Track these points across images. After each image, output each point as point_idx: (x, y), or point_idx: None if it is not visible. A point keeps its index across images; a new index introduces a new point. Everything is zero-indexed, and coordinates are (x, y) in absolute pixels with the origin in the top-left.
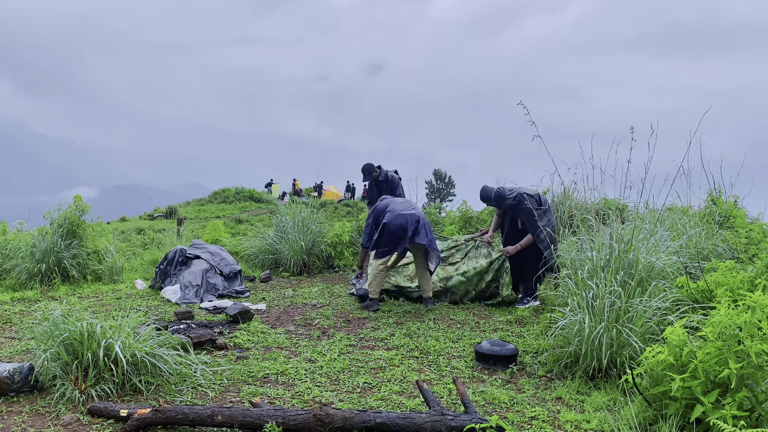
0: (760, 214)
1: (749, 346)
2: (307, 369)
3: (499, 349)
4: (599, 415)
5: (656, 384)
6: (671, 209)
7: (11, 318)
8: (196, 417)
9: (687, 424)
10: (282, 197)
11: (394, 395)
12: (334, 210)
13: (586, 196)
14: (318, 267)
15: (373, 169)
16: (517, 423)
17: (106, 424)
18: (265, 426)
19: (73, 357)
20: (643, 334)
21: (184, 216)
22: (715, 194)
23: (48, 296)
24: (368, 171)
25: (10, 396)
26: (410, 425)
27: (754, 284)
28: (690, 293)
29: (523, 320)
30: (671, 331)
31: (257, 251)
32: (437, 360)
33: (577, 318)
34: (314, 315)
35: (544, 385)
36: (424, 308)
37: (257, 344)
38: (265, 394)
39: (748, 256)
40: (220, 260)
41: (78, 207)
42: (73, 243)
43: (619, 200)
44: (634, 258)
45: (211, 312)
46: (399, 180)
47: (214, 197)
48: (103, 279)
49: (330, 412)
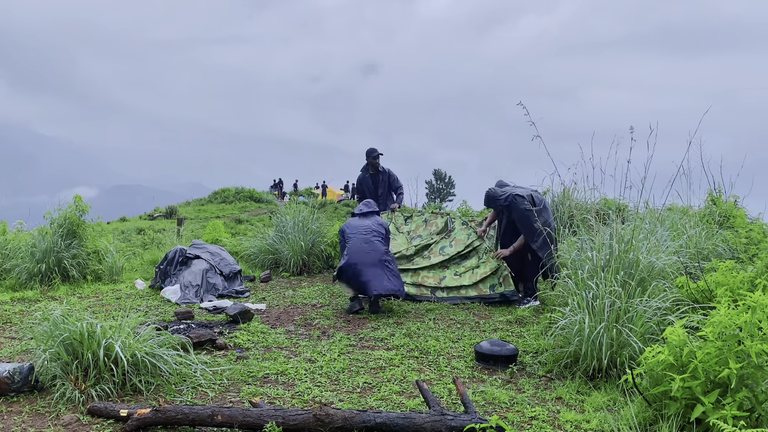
0: (760, 214)
1: (749, 346)
2: (307, 369)
3: (499, 349)
4: (599, 415)
5: (656, 384)
6: (671, 209)
7: (11, 318)
8: (196, 417)
9: (687, 424)
10: (282, 198)
11: (394, 395)
12: (334, 210)
13: (586, 196)
14: (318, 267)
15: (377, 154)
16: (517, 423)
17: (106, 424)
18: (265, 426)
19: (73, 357)
20: (643, 334)
21: (184, 216)
22: (715, 194)
23: (48, 296)
24: (370, 153)
25: (10, 396)
26: (410, 425)
27: (754, 284)
28: (690, 293)
29: (523, 320)
30: (671, 331)
31: (257, 251)
32: (437, 360)
33: (577, 318)
34: (314, 315)
35: (544, 385)
36: (424, 308)
37: (257, 344)
38: (265, 394)
39: (748, 256)
40: (220, 260)
41: (78, 207)
42: (73, 243)
43: (619, 200)
44: (634, 258)
45: (211, 312)
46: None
47: (214, 197)
48: (103, 279)
49: (330, 412)
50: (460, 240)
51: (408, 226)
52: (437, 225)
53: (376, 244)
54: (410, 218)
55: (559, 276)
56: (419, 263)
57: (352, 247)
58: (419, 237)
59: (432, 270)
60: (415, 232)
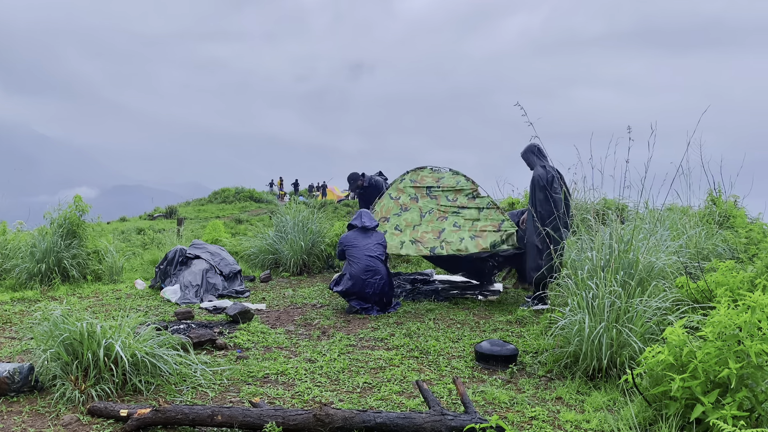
0: (760, 214)
1: (749, 346)
2: (307, 369)
3: (499, 349)
4: (599, 415)
5: (656, 384)
6: (671, 209)
7: (11, 318)
8: (196, 417)
9: (687, 424)
10: (282, 198)
11: (394, 395)
12: (334, 210)
13: (586, 196)
14: (318, 267)
15: (358, 178)
16: (517, 423)
17: (106, 424)
18: (265, 426)
19: (73, 357)
20: (643, 334)
21: (184, 216)
22: (715, 194)
23: (48, 296)
24: (353, 180)
25: (10, 396)
26: (410, 425)
27: (754, 284)
28: (690, 293)
29: (523, 320)
30: (671, 331)
31: (257, 251)
32: (437, 360)
33: (577, 318)
34: (314, 315)
35: (544, 385)
36: (424, 308)
37: (257, 344)
38: (265, 394)
39: (748, 256)
40: (220, 260)
41: (78, 207)
42: (73, 243)
43: (618, 200)
44: (634, 258)
45: (211, 312)
46: (385, 181)
47: (214, 197)
48: (103, 279)
49: (330, 412)
50: (448, 184)
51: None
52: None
53: (379, 269)
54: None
55: (559, 276)
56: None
57: (355, 272)
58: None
59: (431, 224)
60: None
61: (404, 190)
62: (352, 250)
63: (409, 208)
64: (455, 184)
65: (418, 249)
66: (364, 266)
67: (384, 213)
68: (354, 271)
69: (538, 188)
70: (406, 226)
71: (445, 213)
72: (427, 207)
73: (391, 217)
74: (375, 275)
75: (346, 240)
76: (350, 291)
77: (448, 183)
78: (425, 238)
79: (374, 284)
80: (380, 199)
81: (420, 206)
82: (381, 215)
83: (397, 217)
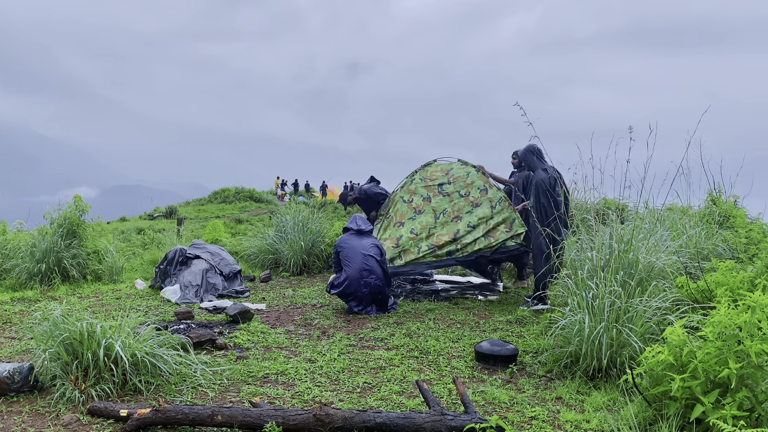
0: (760, 214)
1: (749, 346)
2: (307, 369)
3: (499, 349)
4: (599, 415)
5: (656, 384)
6: (671, 209)
7: (11, 318)
8: (196, 417)
9: (687, 424)
10: (281, 198)
11: (394, 395)
12: (334, 210)
13: (586, 196)
14: (318, 267)
15: (347, 195)
16: (517, 423)
17: (106, 424)
18: (265, 426)
19: (73, 357)
20: (643, 334)
21: (184, 216)
22: (715, 194)
23: (48, 296)
24: (343, 199)
25: (10, 396)
26: (410, 425)
27: (754, 284)
28: (690, 293)
29: (523, 320)
30: (671, 331)
31: (257, 251)
32: (437, 360)
33: (577, 318)
34: (314, 315)
35: (544, 385)
36: (424, 308)
37: (257, 344)
38: (265, 394)
39: (748, 256)
40: (220, 260)
41: (78, 207)
42: (73, 243)
43: (618, 200)
44: (634, 258)
45: (211, 312)
46: (377, 185)
47: (214, 197)
48: (103, 279)
49: (330, 412)
50: (458, 176)
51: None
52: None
53: (374, 269)
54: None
55: (559, 276)
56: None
57: (351, 272)
58: (444, 212)
59: (445, 226)
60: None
61: (416, 191)
62: (347, 251)
63: (423, 210)
64: (465, 175)
65: (436, 255)
66: (359, 266)
67: (398, 218)
68: (350, 272)
69: (541, 193)
70: (422, 230)
71: (459, 213)
72: (441, 207)
73: (406, 222)
74: (371, 275)
75: (341, 242)
76: (347, 292)
77: (457, 174)
78: (441, 240)
79: (370, 284)
80: (393, 205)
81: (434, 207)
82: (396, 220)
83: (412, 221)
